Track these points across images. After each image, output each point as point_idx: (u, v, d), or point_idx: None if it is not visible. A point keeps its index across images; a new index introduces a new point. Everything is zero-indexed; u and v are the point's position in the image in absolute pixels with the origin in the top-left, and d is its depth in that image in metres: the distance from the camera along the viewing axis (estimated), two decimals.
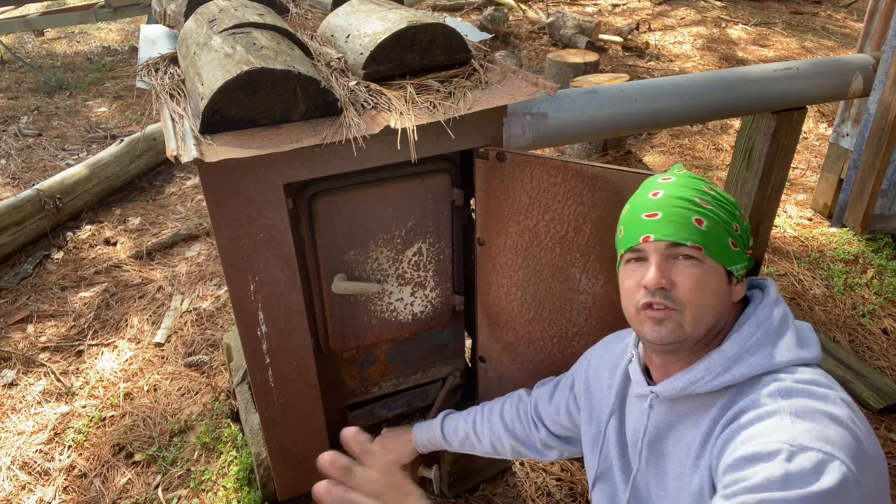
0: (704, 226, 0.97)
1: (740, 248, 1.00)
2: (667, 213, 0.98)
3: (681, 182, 1.02)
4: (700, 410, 0.98)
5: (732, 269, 0.99)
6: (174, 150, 1.15)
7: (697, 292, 0.96)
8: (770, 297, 1.01)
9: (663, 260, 0.98)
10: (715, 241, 0.97)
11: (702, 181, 1.03)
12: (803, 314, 2.65)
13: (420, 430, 1.63)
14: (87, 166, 3.54)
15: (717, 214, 0.98)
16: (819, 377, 0.91)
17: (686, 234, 0.96)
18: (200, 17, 1.58)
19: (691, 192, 1.00)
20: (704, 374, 0.95)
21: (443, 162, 1.53)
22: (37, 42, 6.78)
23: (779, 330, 0.96)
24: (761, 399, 0.89)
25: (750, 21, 6.43)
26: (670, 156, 4.03)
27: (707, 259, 0.97)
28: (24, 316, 2.76)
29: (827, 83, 2.16)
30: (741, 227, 1.01)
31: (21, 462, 2.10)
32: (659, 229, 0.98)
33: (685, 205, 0.98)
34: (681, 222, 0.97)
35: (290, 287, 1.42)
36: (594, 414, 1.27)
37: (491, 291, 1.63)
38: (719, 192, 1.02)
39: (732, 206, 1.01)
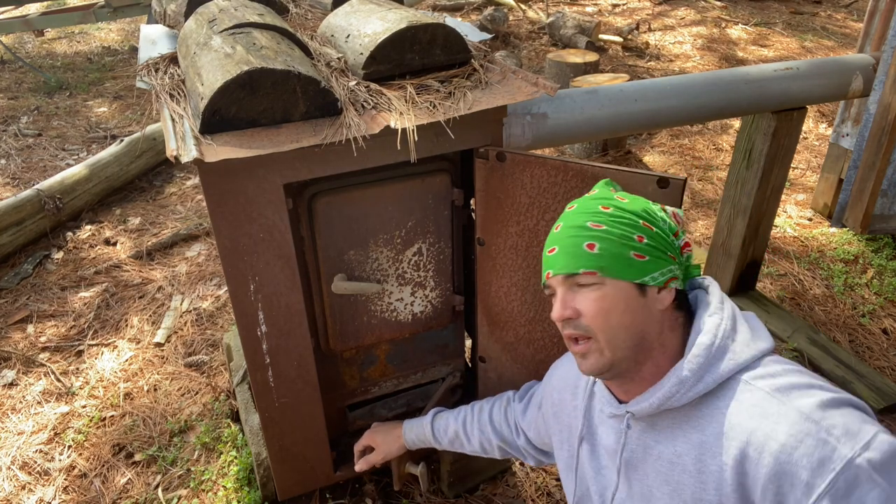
0: (597, 248, 0.97)
1: (651, 256, 0.98)
2: (561, 247, 1.00)
3: (578, 208, 1.03)
4: (681, 423, 0.98)
5: (644, 280, 0.97)
6: (174, 150, 1.15)
7: (602, 316, 0.97)
8: (715, 297, 1.02)
9: (566, 291, 1.00)
10: (611, 261, 0.96)
11: (602, 199, 1.03)
12: (803, 314, 2.65)
13: (410, 427, 1.63)
14: (87, 166, 3.54)
15: (611, 233, 0.98)
16: (782, 363, 0.94)
17: (577, 263, 0.97)
18: (200, 17, 1.58)
19: (584, 217, 1.00)
20: (678, 387, 0.95)
21: (443, 162, 1.53)
22: (37, 42, 6.78)
23: (733, 329, 0.97)
24: (765, 411, 0.88)
25: (750, 21, 6.43)
26: (670, 156, 4.03)
27: (606, 280, 0.97)
28: (24, 316, 2.76)
29: (827, 83, 2.16)
30: (649, 235, 0.99)
31: (21, 462, 2.10)
32: (555, 264, 1.00)
33: (576, 233, 0.99)
34: (573, 252, 0.98)
35: (290, 287, 1.42)
36: (564, 438, 1.26)
37: (491, 291, 1.63)
38: (620, 206, 1.01)
39: (635, 216, 0.99)
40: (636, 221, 0.99)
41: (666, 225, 1.01)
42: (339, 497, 1.89)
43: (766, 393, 0.89)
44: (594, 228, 0.99)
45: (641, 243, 0.98)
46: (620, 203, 1.02)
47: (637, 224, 0.99)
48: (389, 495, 1.92)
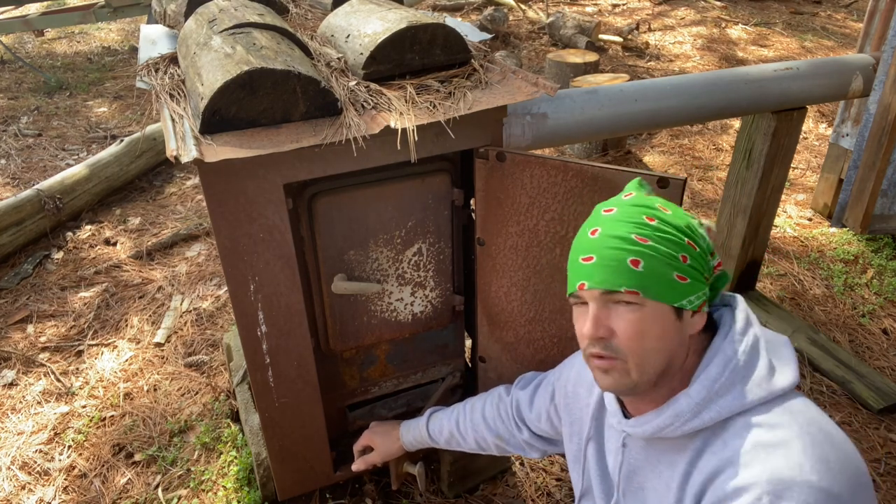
0: (641, 266, 0.89)
1: (692, 279, 0.91)
2: (600, 257, 0.91)
3: (620, 215, 0.94)
4: (674, 451, 0.96)
5: (682, 303, 0.91)
6: (174, 150, 1.15)
7: (637, 340, 0.91)
8: (738, 324, 0.95)
9: (600, 307, 0.92)
10: (655, 281, 0.89)
11: (646, 208, 0.94)
12: (803, 314, 2.65)
13: (407, 428, 1.64)
14: (87, 166, 3.54)
15: (657, 250, 0.90)
16: (790, 413, 0.87)
17: (620, 280, 0.89)
18: (200, 17, 1.58)
19: (628, 227, 0.92)
20: (674, 419, 0.92)
21: (443, 162, 1.53)
22: (37, 42, 6.78)
23: (748, 364, 0.91)
24: (738, 459, 0.85)
25: (750, 21, 6.43)
26: (670, 156, 4.03)
27: (647, 301, 0.90)
28: (24, 316, 2.76)
29: (827, 83, 2.16)
30: (692, 255, 0.92)
31: (21, 462, 2.10)
32: (593, 276, 0.92)
33: (619, 244, 0.91)
34: (615, 266, 0.90)
35: (290, 287, 1.42)
36: (575, 431, 1.25)
37: (491, 291, 1.63)
38: (665, 220, 0.93)
39: (680, 233, 0.92)
40: (682, 239, 0.92)
41: (705, 243, 0.95)
42: (339, 497, 1.89)
43: (749, 443, 0.85)
44: (640, 243, 0.90)
45: (685, 264, 0.91)
46: (664, 215, 0.93)
47: (682, 242, 0.92)
48: (389, 495, 1.92)
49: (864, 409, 2.20)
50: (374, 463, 1.66)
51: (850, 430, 2.13)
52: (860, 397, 2.22)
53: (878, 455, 2.05)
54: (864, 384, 2.25)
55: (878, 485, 1.96)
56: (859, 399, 2.22)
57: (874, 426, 2.14)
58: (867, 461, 2.03)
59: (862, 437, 2.11)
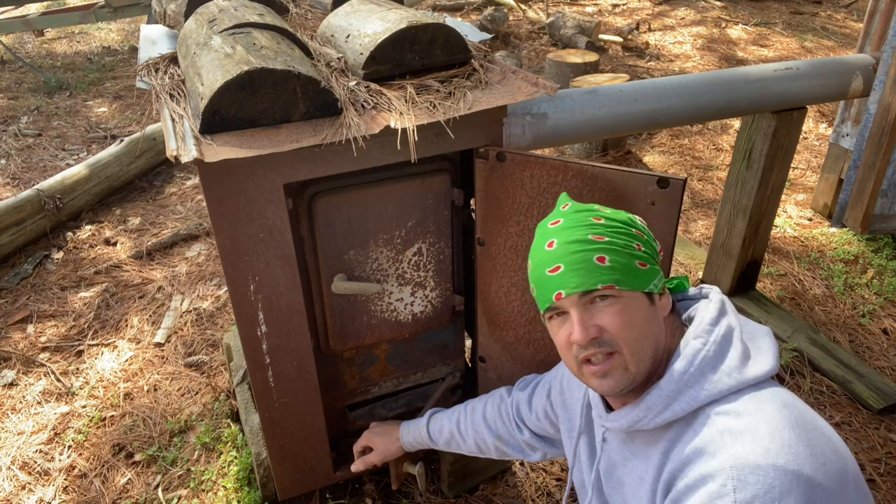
0: (608, 261, 0.93)
1: (649, 263, 0.96)
2: (568, 263, 0.94)
3: (569, 222, 0.98)
4: (650, 443, 0.97)
5: (649, 288, 0.95)
6: (174, 150, 1.15)
7: (626, 329, 0.93)
8: (710, 314, 0.97)
9: (582, 310, 0.94)
10: (623, 271, 0.94)
11: (588, 211, 0.99)
12: (803, 314, 2.65)
13: (407, 429, 1.64)
14: (87, 166, 3.54)
15: (615, 243, 0.95)
16: (761, 401, 0.87)
17: (593, 278, 0.93)
18: (200, 17, 1.58)
19: (582, 230, 0.96)
20: (646, 412, 0.93)
21: (443, 162, 1.53)
22: (37, 42, 6.78)
23: (718, 355, 0.92)
24: (705, 447, 0.86)
25: (750, 21, 6.43)
26: (670, 156, 4.03)
27: (623, 292, 0.94)
28: (24, 316, 2.76)
29: (827, 83, 2.16)
30: (642, 243, 0.97)
31: (21, 462, 2.10)
32: (566, 282, 0.94)
33: (581, 247, 0.94)
34: (584, 267, 0.93)
35: (290, 287, 1.42)
36: (572, 426, 1.27)
37: (491, 291, 1.63)
38: (609, 217, 0.98)
39: (626, 225, 0.98)
40: (629, 230, 0.97)
41: (646, 231, 1.01)
42: (339, 497, 1.89)
43: (717, 430, 0.86)
44: (598, 241, 0.94)
45: (640, 252, 0.96)
46: (607, 213, 0.99)
47: (631, 233, 0.97)
48: (389, 495, 1.92)
49: (864, 409, 2.20)
50: (373, 463, 1.66)
51: (850, 430, 2.13)
52: (860, 397, 2.22)
53: (878, 455, 2.05)
54: (864, 384, 2.25)
55: (878, 485, 1.96)
56: (859, 399, 2.22)
57: (874, 426, 2.14)
58: (867, 461, 2.03)
59: (862, 437, 2.11)
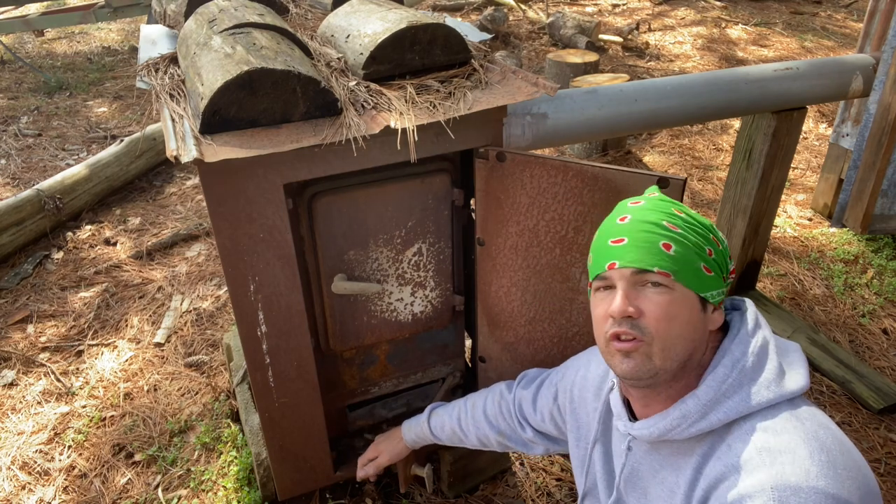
0: (673, 250, 0.92)
1: (715, 273, 0.94)
2: (633, 239, 0.94)
3: (649, 206, 0.98)
4: (680, 454, 0.95)
5: (707, 295, 0.93)
6: (174, 151, 1.15)
7: (666, 321, 0.91)
8: (748, 325, 0.96)
9: (630, 287, 0.93)
10: (685, 266, 0.92)
11: (673, 203, 0.98)
12: (803, 314, 2.65)
13: (409, 427, 1.64)
14: (87, 166, 3.54)
15: (687, 238, 0.93)
16: (797, 419, 0.86)
17: (653, 260, 0.91)
18: (200, 17, 1.58)
19: (659, 215, 0.95)
20: (680, 421, 0.92)
21: (443, 162, 1.53)
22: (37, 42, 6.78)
23: (756, 366, 0.91)
24: (742, 465, 0.84)
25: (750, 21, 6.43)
26: (670, 156, 4.03)
27: (677, 285, 0.92)
28: (24, 316, 2.76)
29: (827, 83, 2.16)
30: (716, 251, 0.95)
31: (21, 462, 2.10)
32: (624, 255, 0.93)
33: (652, 229, 0.93)
34: (647, 247, 0.92)
35: (290, 287, 1.42)
36: (581, 435, 1.25)
37: (491, 291, 1.63)
38: (691, 215, 0.97)
39: (706, 229, 0.96)
40: (708, 234, 0.96)
41: (724, 246, 0.98)
42: (339, 497, 1.89)
43: (755, 448, 0.84)
44: (671, 230, 0.93)
45: (711, 257, 0.94)
46: (689, 211, 0.98)
47: (709, 237, 0.95)
48: (389, 495, 1.92)
49: (864, 409, 2.20)
50: (381, 465, 1.66)
51: (850, 430, 2.13)
52: (860, 397, 2.22)
53: (879, 455, 2.05)
54: (864, 384, 2.25)
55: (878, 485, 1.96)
56: (859, 399, 2.22)
57: (874, 426, 2.14)
58: (867, 461, 2.03)
59: (862, 437, 2.11)
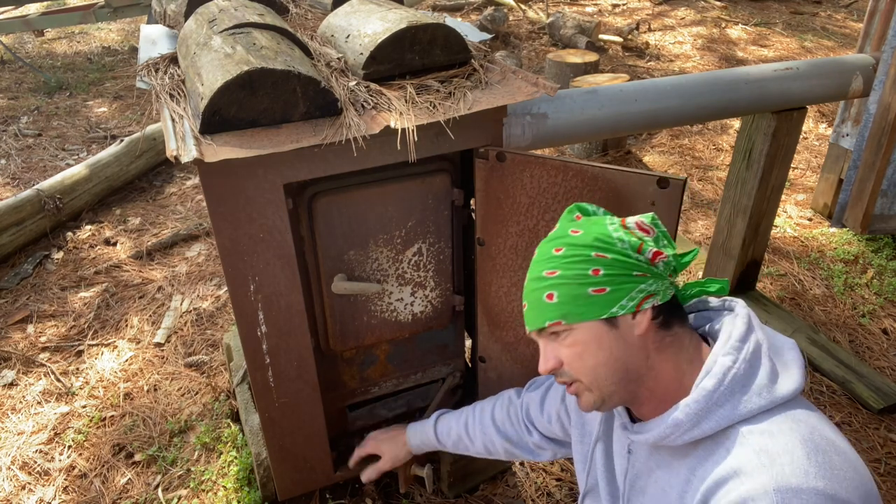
0: (556, 297, 0.96)
1: (613, 286, 0.93)
2: (529, 302, 1.01)
3: (537, 257, 1.02)
4: (677, 457, 0.97)
5: (610, 312, 0.94)
6: (174, 151, 1.15)
7: (578, 361, 0.97)
8: (739, 329, 0.94)
9: (546, 344, 1.01)
10: (571, 304, 0.95)
11: (556, 240, 1.00)
12: (803, 314, 2.65)
13: (414, 431, 1.63)
14: (87, 166, 3.54)
15: (564, 277, 0.95)
16: (793, 420, 0.87)
17: (542, 317, 0.97)
18: (200, 18, 1.58)
19: (541, 267, 0.99)
20: (674, 430, 0.92)
21: (443, 162, 1.53)
22: (37, 42, 6.78)
23: (748, 373, 0.90)
24: (741, 468, 0.84)
25: (750, 21, 6.43)
26: (670, 156, 4.03)
27: (574, 325, 0.96)
28: (24, 316, 2.76)
29: (827, 83, 2.16)
30: (605, 264, 0.94)
31: (21, 462, 2.10)
32: (528, 321, 1.01)
33: (536, 286, 0.99)
34: (536, 306, 0.98)
35: (290, 287, 1.42)
36: (585, 432, 1.26)
37: (491, 291, 1.63)
38: (572, 243, 0.97)
39: (586, 250, 0.95)
40: (588, 255, 0.95)
41: (626, 245, 0.95)
42: (339, 497, 1.89)
43: (752, 451, 0.84)
44: (549, 277, 0.97)
45: (598, 276, 0.94)
46: (572, 239, 0.98)
47: (589, 257, 0.95)
48: (389, 495, 1.92)
49: (864, 409, 2.20)
50: (383, 470, 1.66)
51: (850, 430, 2.13)
52: (860, 397, 2.22)
53: (879, 455, 2.05)
54: (864, 384, 2.25)
55: (878, 485, 1.96)
56: (859, 399, 2.22)
57: (874, 426, 2.14)
58: (867, 461, 2.03)
59: (862, 437, 2.11)
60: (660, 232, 1.00)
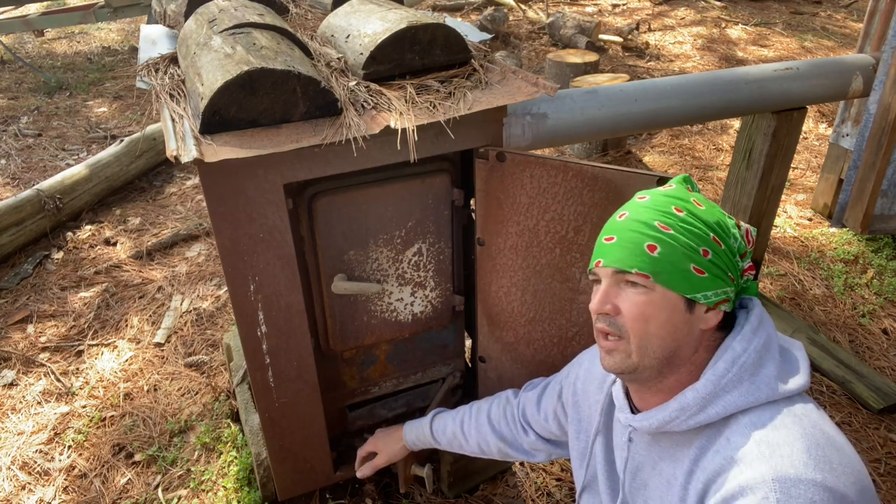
0: (657, 252, 0.91)
1: (710, 274, 0.92)
2: (620, 238, 0.95)
3: (650, 202, 0.97)
4: (679, 446, 0.97)
5: (696, 296, 0.92)
6: (174, 151, 1.15)
7: (640, 321, 0.93)
8: (752, 323, 0.95)
9: (611, 285, 0.96)
10: (668, 269, 0.91)
11: (677, 199, 0.96)
12: (803, 314, 2.65)
13: (410, 427, 1.64)
14: (87, 166, 3.54)
15: (677, 239, 0.92)
16: (795, 415, 0.87)
17: (633, 261, 0.92)
18: (200, 18, 1.58)
19: (654, 214, 0.94)
20: (679, 413, 0.93)
21: (443, 162, 1.53)
22: (37, 42, 6.78)
23: (758, 362, 0.92)
24: (741, 457, 0.85)
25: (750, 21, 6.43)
26: (670, 156, 4.03)
27: (657, 287, 0.92)
28: (24, 316, 2.76)
29: (827, 83, 2.16)
30: (715, 251, 0.93)
31: (21, 462, 2.10)
32: (609, 254, 0.95)
33: (640, 228, 0.93)
34: (631, 248, 0.93)
35: (290, 287, 1.42)
36: (582, 428, 1.26)
37: (491, 291, 1.63)
38: (695, 213, 0.94)
39: (707, 228, 0.93)
40: (706, 234, 0.93)
41: (736, 244, 0.95)
42: (339, 497, 1.89)
43: (754, 441, 0.85)
44: (661, 230, 0.93)
45: (706, 258, 0.92)
46: (695, 209, 0.95)
47: (707, 237, 0.93)
48: (389, 495, 1.92)
49: (864, 409, 2.20)
50: (378, 465, 1.66)
51: (850, 430, 2.13)
52: (860, 397, 2.22)
53: (879, 455, 2.05)
54: (864, 384, 2.25)
55: (878, 485, 1.96)
56: (859, 399, 2.22)
57: (874, 426, 2.14)
58: (867, 461, 2.03)
59: (862, 437, 2.11)
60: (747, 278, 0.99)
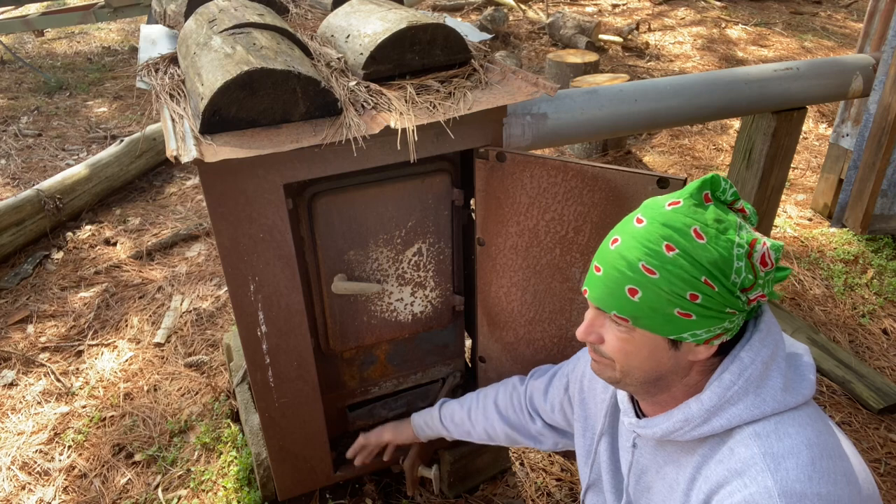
0: (638, 297, 0.87)
1: (698, 316, 0.86)
2: (605, 274, 0.91)
3: (642, 233, 0.88)
4: (683, 452, 0.97)
5: (680, 336, 0.88)
6: (174, 151, 1.15)
7: (622, 355, 0.93)
8: (760, 332, 0.92)
9: (596, 316, 0.96)
10: (649, 313, 0.87)
11: (673, 231, 0.86)
12: (803, 314, 2.65)
13: (419, 414, 1.64)
14: (87, 166, 3.54)
15: (659, 285, 0.85)
16: (800, 425, 0.86)
17: (612, 303, 0.90)
18: (200, 18, 1.58)
19: (641, 252, 0.87)
20: (683, 424, 0.92)
21: (443, 162, 1.53)
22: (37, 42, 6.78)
23: (764, 374, 0.89)
24: (746, 470, 0.84)
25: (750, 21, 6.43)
26: (670, 156, 4.03)
27: (636, 329, 0.90)
28: (24, 316, 2.76)
29: (827, 83, 2.16)
30: (706, 294, 0.85)
31: (21, 462, 2.10)
32: (593, 288, 0.93)
33: (624, 269, 0.88)
34: (612, 289, 0.89)
35: (290, 287, 1.42)
36: (588, 426, 1.26)
37: (491, 291, 1.63)
38: (688, 251, 0.85)
39: (699, 270, 0.85)
40: (696, 278, 0.85)
41: (738, 281, 0.85)
42: (339, 497, 1.89)
43: (760, 453, 0.84)
44: (644, 273, 0.87)
45: (693, 302, 0.86)
46: (692, 244, 0.85)
47: (696, 281, 0.85)
48: (389, 495, 1.92)
49: (864, 409, 2.20)
50: (383, 440, 1.66)
51: (850, 430, 2.13)
52: (860, 397, 2.22)
53: (878, 455, 2.05)
54: (864, 384, 2.25)
55: (878, 485, 1.96)
56: (859, 399, 2.22)
57: (874, 426, 2.14)
58: (867, 461, 2.03)
59: (862, 437, 2.11)
60: (776, 267, 0.90)
